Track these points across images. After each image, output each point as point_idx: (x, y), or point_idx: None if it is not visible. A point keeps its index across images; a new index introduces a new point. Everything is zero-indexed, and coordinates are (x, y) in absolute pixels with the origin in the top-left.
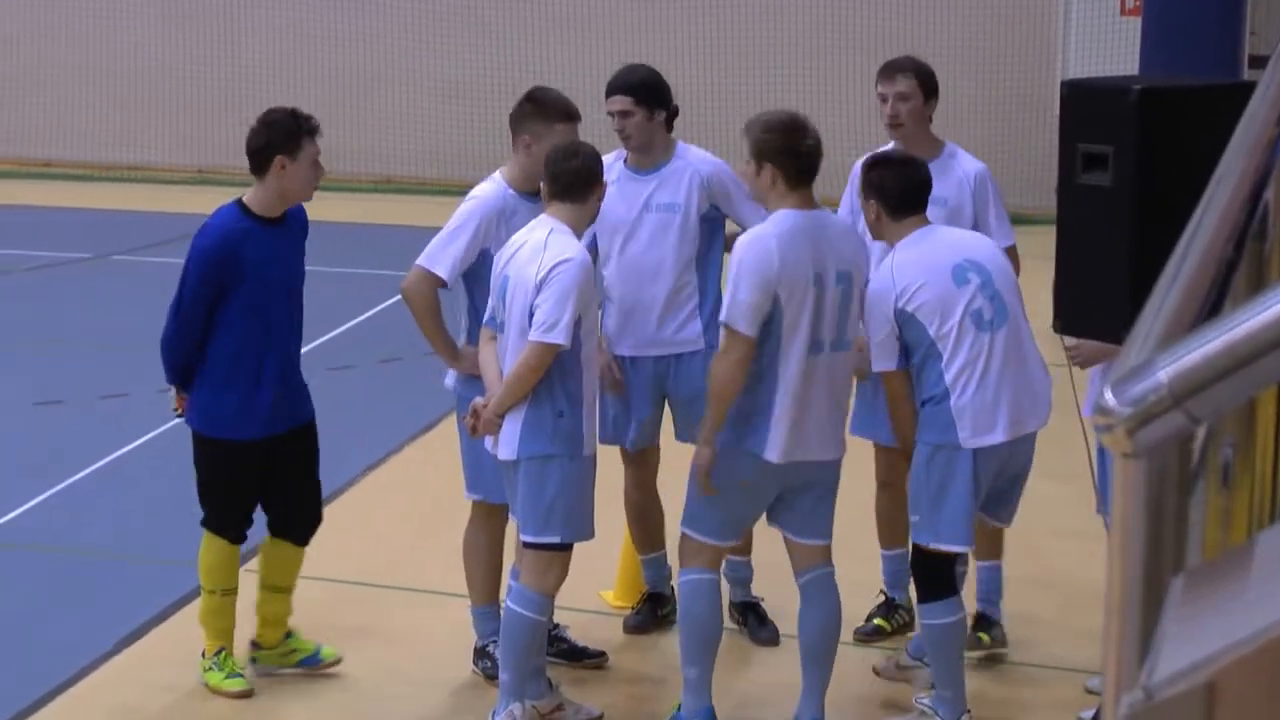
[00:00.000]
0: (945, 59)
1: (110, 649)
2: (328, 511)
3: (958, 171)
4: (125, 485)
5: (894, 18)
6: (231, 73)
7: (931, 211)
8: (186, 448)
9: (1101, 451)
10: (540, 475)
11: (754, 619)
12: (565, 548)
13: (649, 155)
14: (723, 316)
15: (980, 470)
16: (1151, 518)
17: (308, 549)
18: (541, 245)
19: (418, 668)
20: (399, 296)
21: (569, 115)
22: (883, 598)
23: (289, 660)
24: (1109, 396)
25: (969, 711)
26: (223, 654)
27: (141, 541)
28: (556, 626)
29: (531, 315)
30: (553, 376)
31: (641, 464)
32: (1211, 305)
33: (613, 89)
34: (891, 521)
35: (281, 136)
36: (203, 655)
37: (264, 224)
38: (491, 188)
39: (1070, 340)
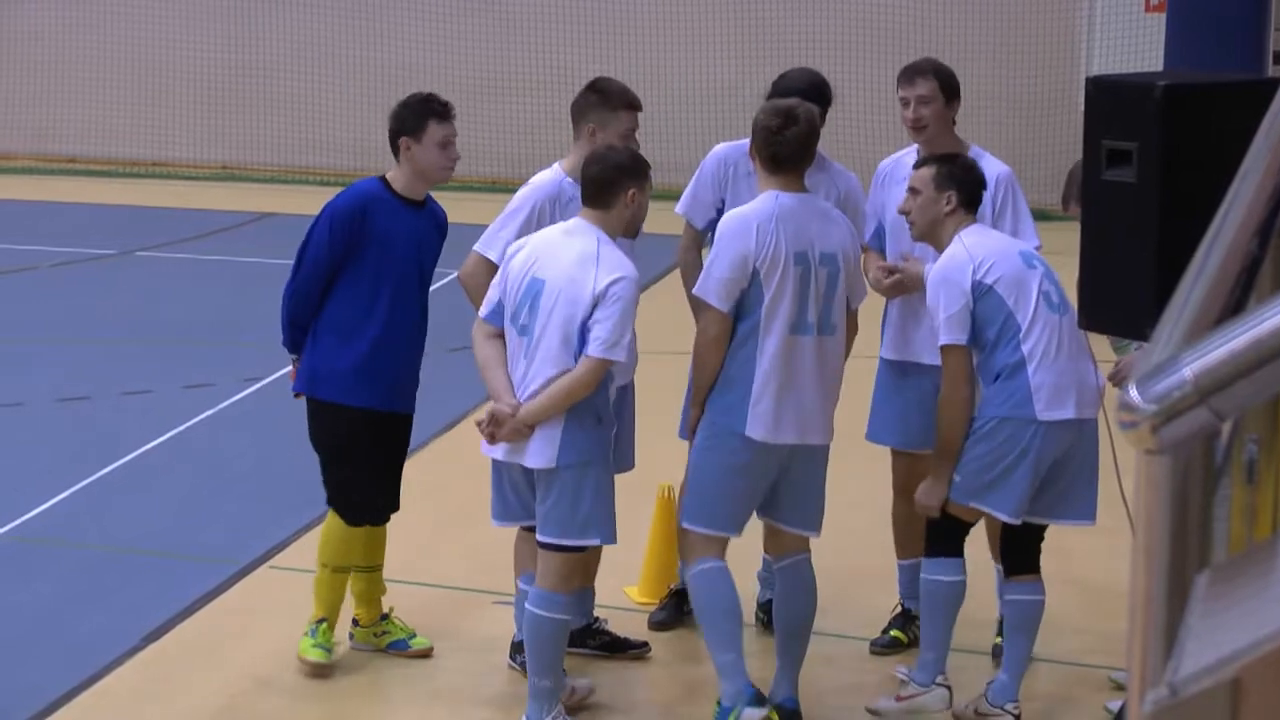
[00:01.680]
0: (969, 56)
1: (136, 644)
2: None
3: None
4: (150, 481)
5: (918, 15)
6: (257, 70)
7: None
8: (211, 443)
9: None
10: (579, 481)
11: (767, 616)
12: (585, 549)
13: None
14: (696, 289)
15: (1045, 448)
16: (1176, 514)
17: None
18: (593, 257)
19: (438, 664)
20: None
21: (631, 104)
22: (899, 609)
23: (380, 642)
24: (1134, 393)
25: (944, 674)
26: (322, 624)
27: (166, 537)
28: (597, 620)
29: (582, 329)
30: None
31: None
32: (1236, 301)
33: (792, 91)
34: (909, 531)
35: (407, 119)
36: (307, 621)
37: (401, 201)
38: (549, 175)
39: (1121, 360)
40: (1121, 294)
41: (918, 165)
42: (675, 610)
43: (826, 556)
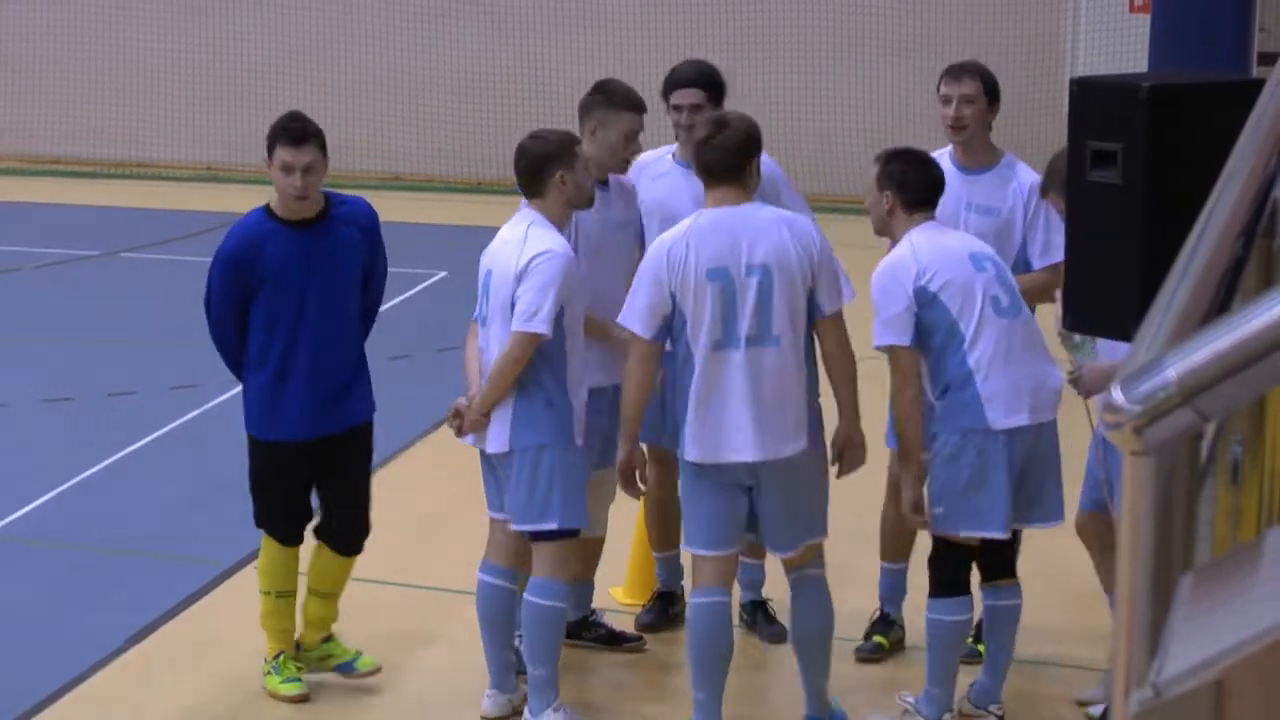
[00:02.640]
0: (954, 57)
1: (121, 645)
2: None
3: (1014, 182)
4: (135, 482)
5: (903, 16)
6: (240, 70)
7: (982, 223)
8: (196, 444)
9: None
10: (534, 464)
11: (762, 617)
12: (570, 534)
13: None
14: (620, 316)
15: (1013, 454)
16: (1160, 515)
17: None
18: (521, 239)
19: (420, 664)
20: (409, 294)
21: (634, 105)
22: (879, 614)
23: (325, 665)
24: (1118, 394)
25: (952, 711)
26: (281, 658)
27: (151, 538)
28: (594, 613)
29: (514, 307)
30: (539, 367)
31: (670, 463)
32: (1221, 302)
33: (681, 82)
34: (896, 534)
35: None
36: (264, 659)
37: (285, 225)
38: (646, 154)
39: (1071, 365)
40: (1106, 294)
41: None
42: (661, 612)
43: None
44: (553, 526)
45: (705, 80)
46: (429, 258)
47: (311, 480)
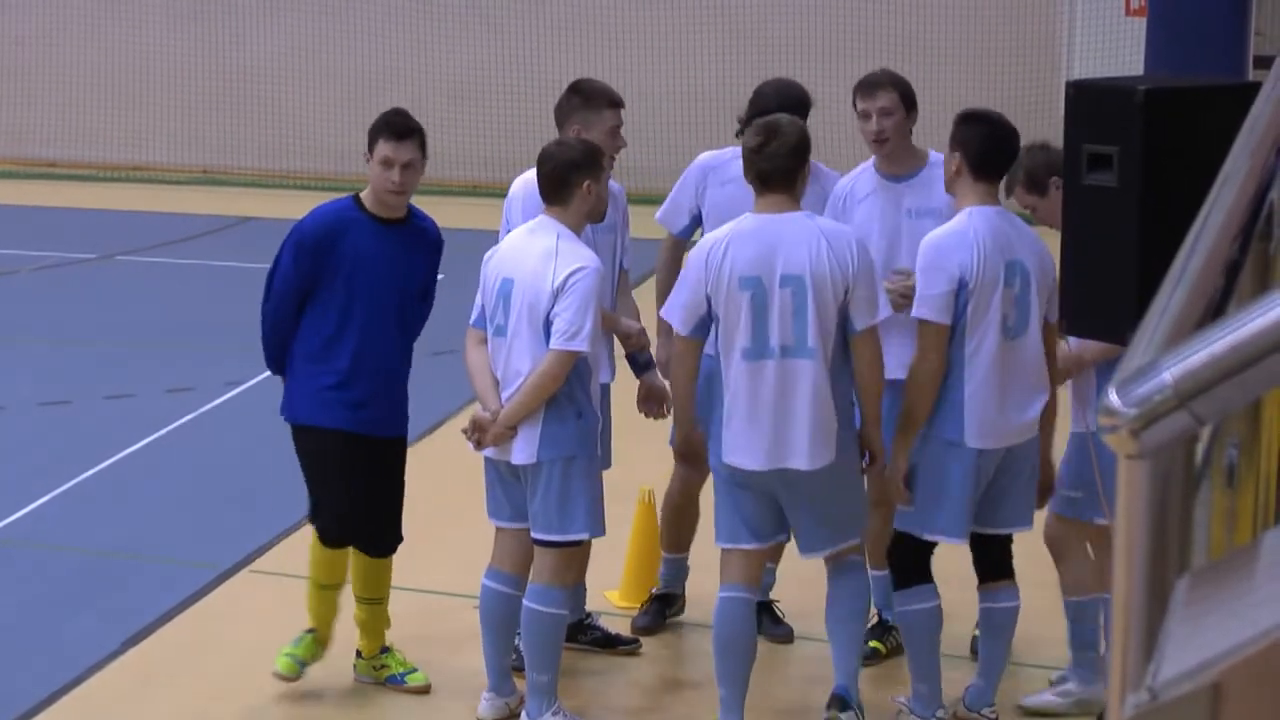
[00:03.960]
0: (950, 60)
1: (117, 649)
2: None
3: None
4: (131, 485)
5: (899, 18)
6: (237, 73)
7: (926, 225)
8: (193, 447)
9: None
10: (565, 476)
11: (768, 619)
12: (582, 543)
13: None
14: (662, 310)
15: (984, 467)
16: (1156, 518)
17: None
18: (551, 251)
19: (423, 668)
20: None
21: (613, 102)
22: (876, 619)
23: (379, 675)
24: (1114, 397)
25: (944, 707)
26: (308, 635)
27: (148, 541)
28: (589, 616)
29: (548, 323)
30: (571, 380)
31: (695, 468)
32: (1216, 306)
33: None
34: (880, 542)
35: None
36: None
37: (374, 219)
38: (531, 175)
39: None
40: (1102, 298)
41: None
42: (658, 615)
43: (816, 564)
44: (581, 537)
45: (792, 103)
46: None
47: (358, 478)
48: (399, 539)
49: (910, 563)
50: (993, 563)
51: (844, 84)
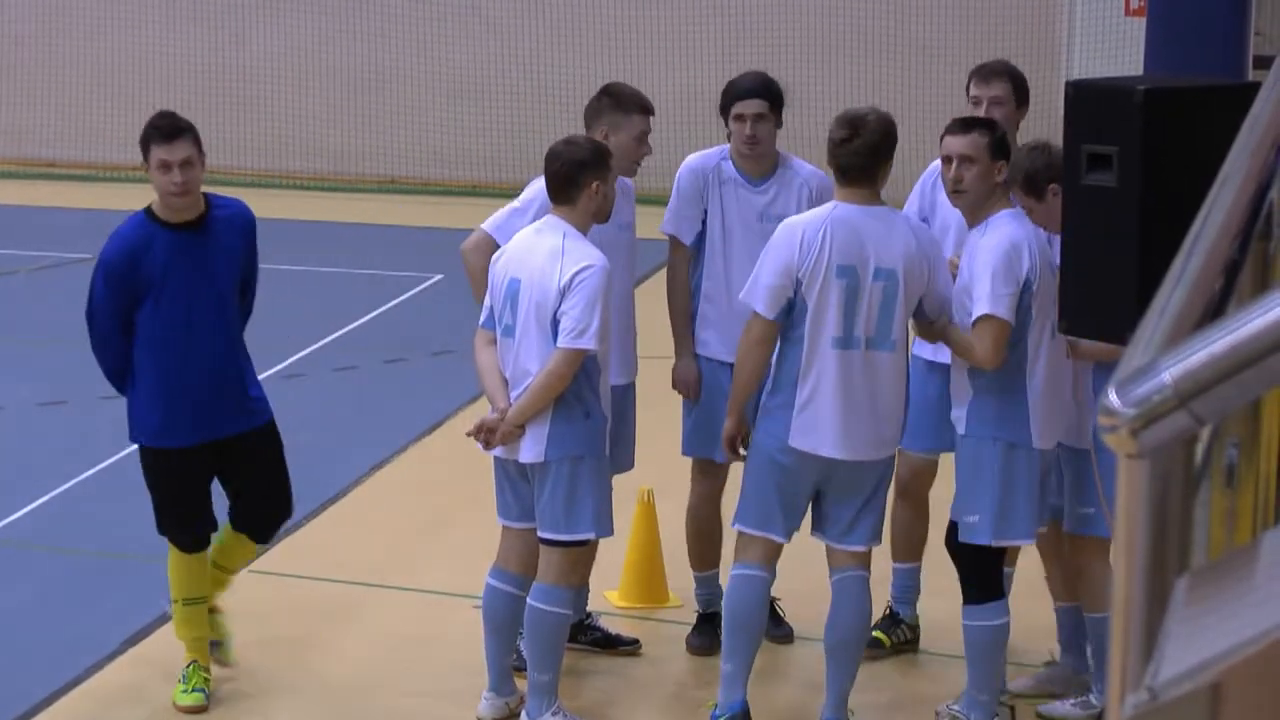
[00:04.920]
0: (949, 60)
1: (116, 649)
2: (332, 511)
3: None
4: (129, 486)
5: (898, 18)
6: (237, 74)
7: None
8: None
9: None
10: (572, 475)
11: (770, 619)
12: (588, 543)
13: (764, 163)
14: (743, 294)
15: (1045, 468)
16: (1156, 519)
17: (315, 549)
18: (559, 251)
19: (423, 668)
20: (404, 297)
21: (644, 107)
22: (888, 611)
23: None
24: (1113, 397)
25: (998, 715)
26: (192, 667)
27: (146, 541)
28: (590, 616)
29: (555, 322)
30: (579, 379)
31: (715, 477)
32: (1216, 306)
33: (745, 93)
34: (909, 536)
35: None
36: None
37: (167, 227)
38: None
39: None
40: (1102, 298)
41: (958, 131)
42: (713, 634)
43: (819, 563)
44: (587, 537)
45: (768, 90)
46: (425, 261)
47: (209, 484)
48: (282, 519)
49: (986, 576)
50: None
51: (844, 84)
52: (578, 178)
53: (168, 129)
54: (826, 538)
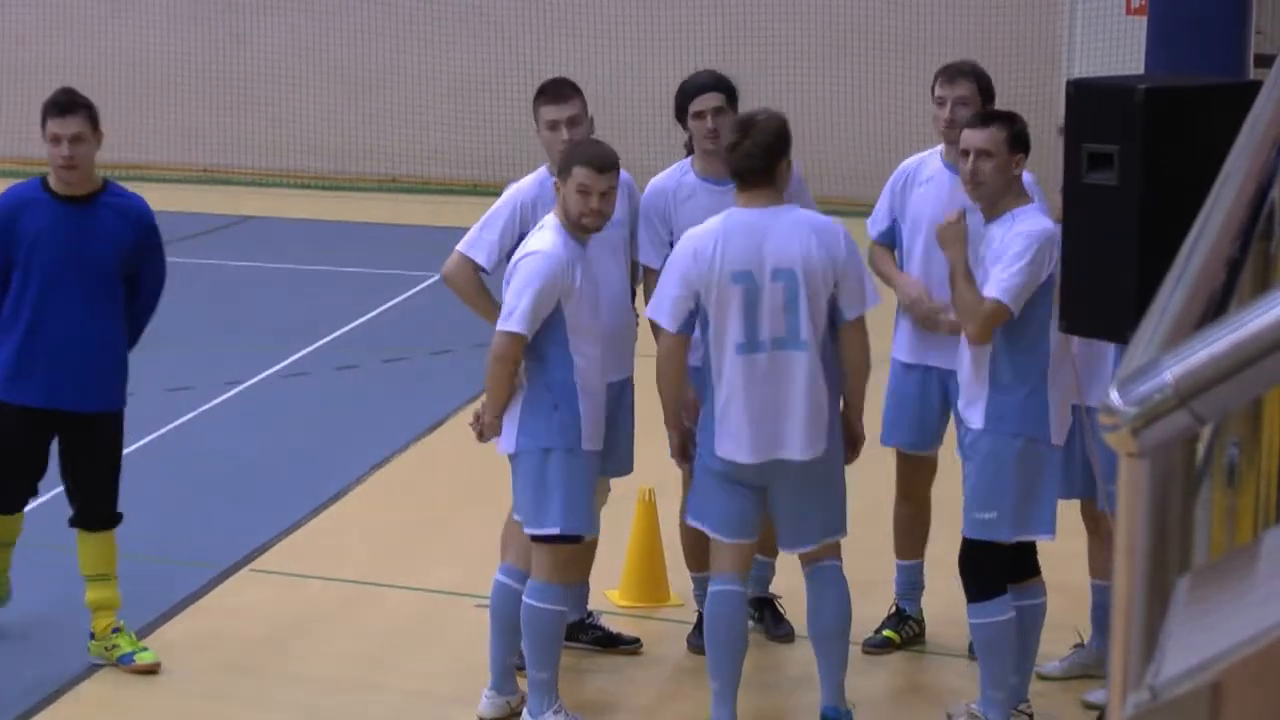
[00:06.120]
0: (949, 58)
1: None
2: (332, 511)
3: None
4: (131, 484)
5: (898, 16)
6: (237, 72)
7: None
8: (190, 447)
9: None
10: (539, 468)
11: (770, 615)
12: (571, 540)
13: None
14: (648, 309)
15: (1058, 462)
16: (1157, 518)
17: (316, 548)
18: (527, 241)
19: (424, 666)
20: (404, 296)
21: (551, 98)
22: (894, 609)
23: (110, 655)
24: (1114, 395)
25: (1015, 709)
26: (114, 631)
27: (147, 540)
28: (590, 615)
29: None
30: (544, 370)
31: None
32: (1217, 305)
33: (700, 88)
34: (911, 534)
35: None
36: None
37: (55, 198)
38: (532, 178)
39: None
40: (1103, 297)
41: (977, 125)
42: None
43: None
44: (553, 531)
45: (722, 84)
46: (425, 260)
47: (43, 453)
48: (113, 514)
49: (992, 573)
50: (1025, 560)
51: (843, 83)
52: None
53: (64, 103)
54: (782, 546)
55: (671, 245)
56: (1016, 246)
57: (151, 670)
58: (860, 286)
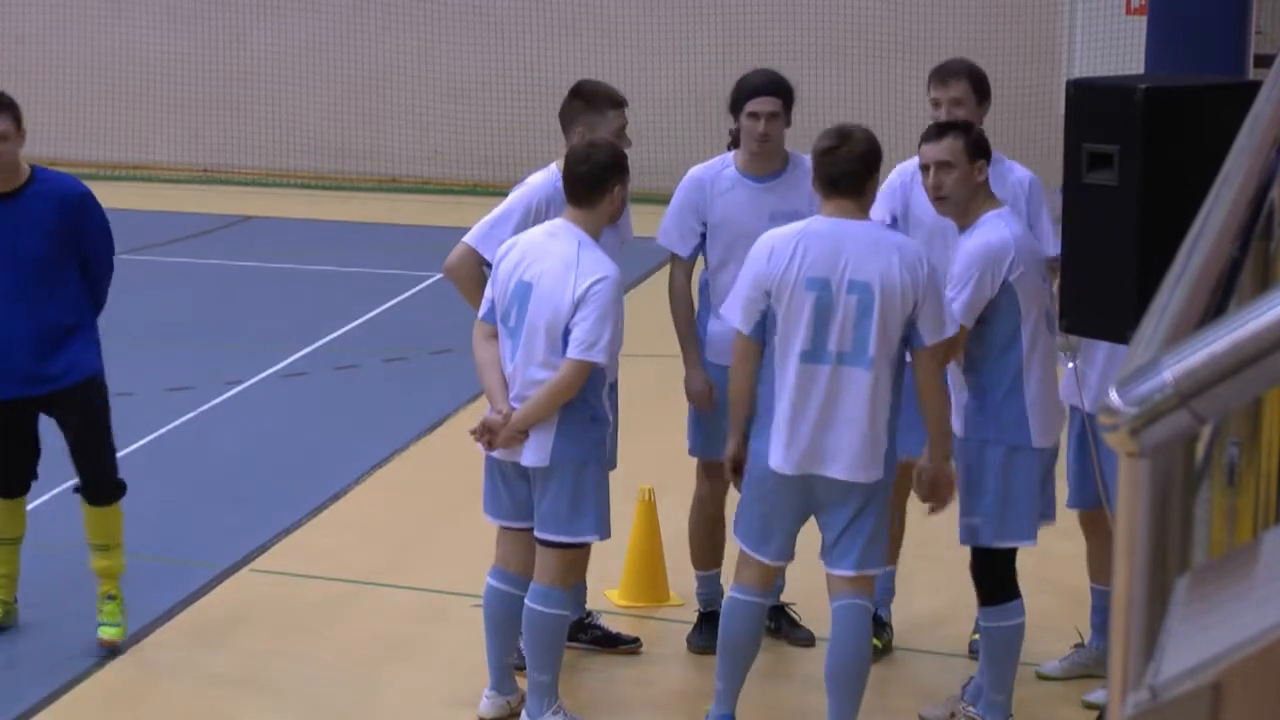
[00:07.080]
0: (948, 57)
1: (118, 648)
2: (332, 510)
3: (1009, 179)
4: (131, 484)
5: (897, 17)
6: (237, 72)
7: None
8: (192, 447)
9: (1095, 444)
10: (576, 480)
11: (786, 622)
12: (584, 545)
13: (773, 161)
14: (722, 308)
15: (1046, 467)
16: (1157, 517)
17: (316, 548)
18: (573, 261)
19: (424, 666)
20: (404, 296)
21: (617, 102)
22: (873, 615)
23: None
24: (1114, 396)
25: (1012, 716)
26: None
27: (147, 540)
28: (589, 615)
29: (565, 332)
30: (587, 386)
31: (719, 477)
32: (1217, 304)
33: (756, 90)
34: (893, 539)
35: None
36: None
37: None
38: (543, 176)
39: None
40: (1102, 296)
41: (932, 138)
42: (713, 634)
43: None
44: (590, 540)
45: (780, 88)
46: (425, 260)
47: (23, 440)
48: (112, 485)
49: (1003, 578)
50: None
51: (843, 84)
52: (604, 181)
53: None
54: (823, 559)
55: (703, 237)
56: (956, 267)
57: (110, 645)
58: (939, 312)
